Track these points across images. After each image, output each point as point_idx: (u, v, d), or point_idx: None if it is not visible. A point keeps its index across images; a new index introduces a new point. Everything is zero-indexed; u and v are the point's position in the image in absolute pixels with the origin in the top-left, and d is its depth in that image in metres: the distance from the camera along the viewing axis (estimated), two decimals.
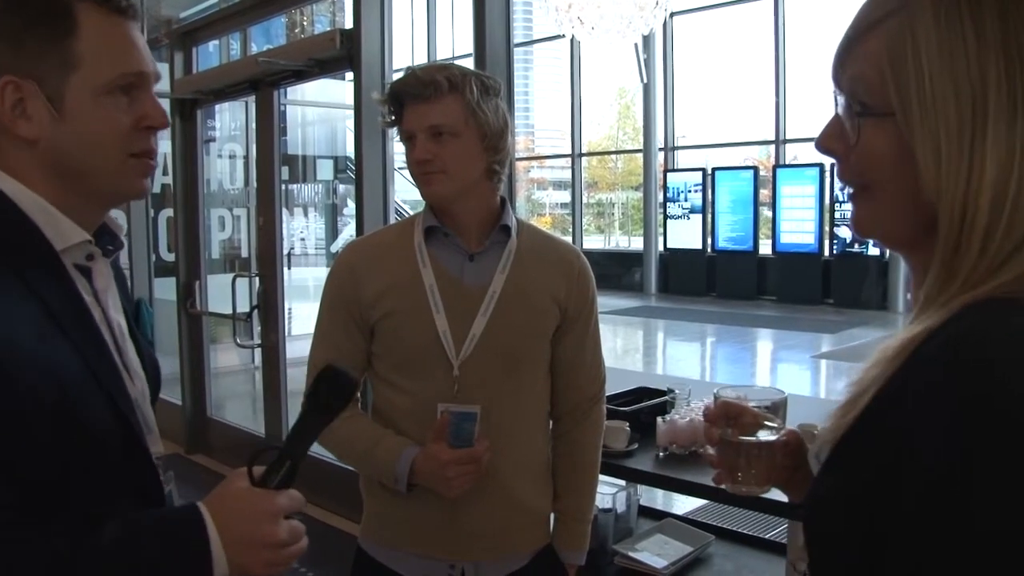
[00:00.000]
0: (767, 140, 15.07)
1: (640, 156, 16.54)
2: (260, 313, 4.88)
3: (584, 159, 18.18)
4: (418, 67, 1.61)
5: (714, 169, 14.82)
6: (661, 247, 15.63)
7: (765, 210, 14.56)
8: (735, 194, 14.35)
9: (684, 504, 4.01)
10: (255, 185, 5.17)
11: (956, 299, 0.67)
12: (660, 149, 15.95)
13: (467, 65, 1.83)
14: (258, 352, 5.09)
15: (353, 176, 4.68)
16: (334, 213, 8.65)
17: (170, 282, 5.62)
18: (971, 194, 0.67)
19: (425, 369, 1.61)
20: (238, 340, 5.11)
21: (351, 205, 7.73)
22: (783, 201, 13.67)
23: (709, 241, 14.81)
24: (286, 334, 4.90)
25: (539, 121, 23.62)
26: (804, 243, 13.45)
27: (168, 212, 6.05)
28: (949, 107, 0.68)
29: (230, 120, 6.58)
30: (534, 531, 1.73)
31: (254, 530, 0.89)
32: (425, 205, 1.68)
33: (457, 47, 17.36)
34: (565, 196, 19.53)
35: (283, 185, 5.33)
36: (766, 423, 1.00)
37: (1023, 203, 0.67)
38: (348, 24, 4.05)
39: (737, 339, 11.31)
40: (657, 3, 7.57)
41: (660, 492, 3.89)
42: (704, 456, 1.08)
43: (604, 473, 2.03)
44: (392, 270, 1.64)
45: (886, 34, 0.71)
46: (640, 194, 16.77)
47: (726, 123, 16.36)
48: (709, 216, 14.72)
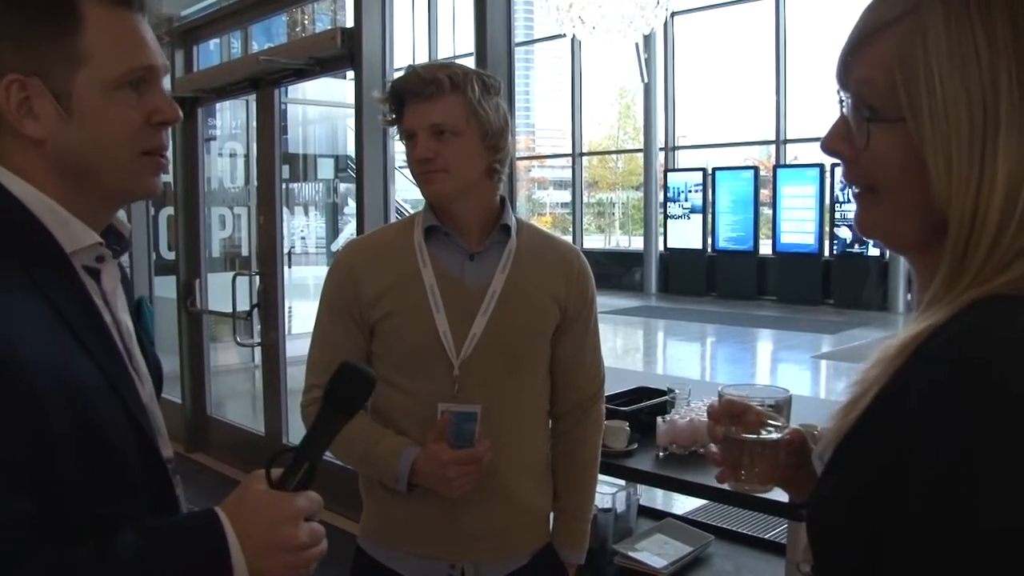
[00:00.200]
0: (768, 140, 15.06)
1: (640, 156, 16.54)
2: (260, 312, 4.88)
3: (585, 159, 18.18)
4: (419, 65, 1.61)
5: (714, 169, 14.82)
6: (661, 247, 15.62)
7: (765, 210, 14.56)
8: (735, 194, 14.34)
9: (684, 504, 4.01)
10: (255, 184, 5.17)
11: (963, 295, 0.67)
12: (661, 149, 15.95)
13: (468, 64, 1.82)
14: (258, 351, 5.09)
15: (354, 175, 4.67)
16: (335, 212, 8.63)
17: (170, 280, 5.62)
18: (982, 200, 0.67)
19: (425, 369, 1.60)
20: (238, 339, 5.10)
21: (351, 204, 7.72)
22: (783, 201, 13.67)
23: (709, 241, 14.81)
24: (286, 333, 4.91)
25: (540, 120, 23.63)
26: (804, 243, 13.44)
27: (168, 210, 6.04)
28: (960, 114, 0.67)
29: (231, 118, 6.57)
30: (534, 531, 1.73)
31: (274, 533, 0.87)
32: (425, 204, 1.68)
33: (458, 46, 17.34)
34: (565, 195, 19.53)
35: (283, 184, 5.33)
36: (770, 422, 1.00)
37: None
38: (349, 23, 4.05)
39: (737, 339, 11.30)
40: (658, 3, 7.56)
41: (660, 492, 3.89)
42: (707, 454, 1.08)
43: (604, 473, 2.03)
44: (392, 270, 1.63)
45: (896, 38, 0.71)
46: (640, 194, 16.76)
47: (727, 123, 16.37)
48: (709, 216, 14.71)
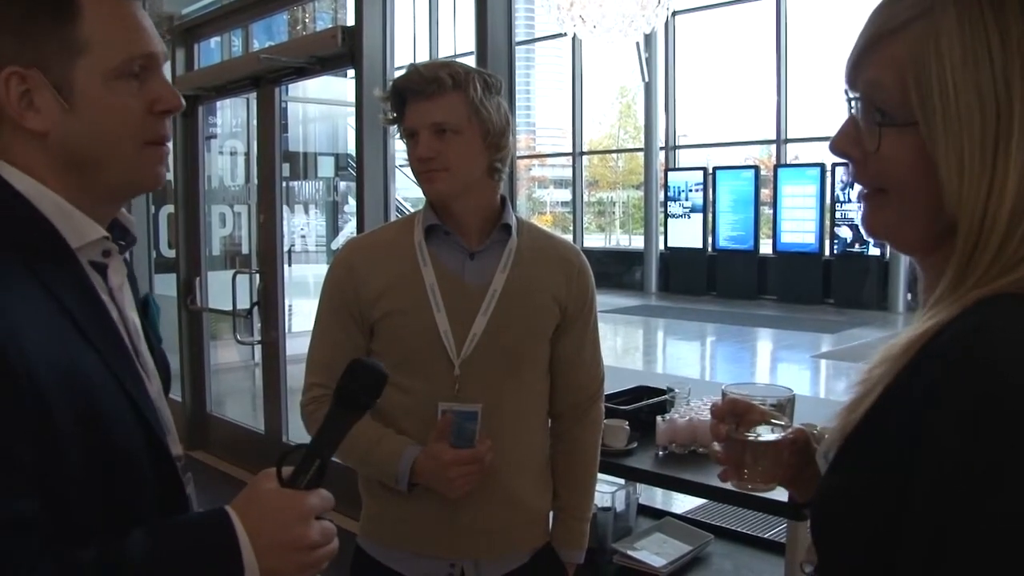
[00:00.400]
0: (768, 139, 15.05)
1: (641, 155, 16.54)
2: (260, 310, 4.89)
3: (585, 157, 18.17)
4: (421, 64, 1.61)
5: (715, 168, 14.82)
6: (662, 246, 15.62)
7: (766, 209, 14.55)
8: (736, 193, 14.34)
9: (683, 503, 4.00)
10: (256, 182, 5.17)
11: (968, 294, 0.67)
12: (661, 148, 15.94)
13: (469, 63, 1.82)
14: (258, 349, 5.09)
15: (354, 173, 4.68)
16: (335, 210, 8.63)
17: (170, 278, 5.61)
18: (992, 204, 0.67)
19: (426, 368, 1.60)
20: (238, 336, 5.11)
21: (352, 202, 7.71)
22: (784, 200, 13.67)
23: (710, 240, 14.80)
24: (286, 331, 4.90)
25: (540, 119, 23.61)
26: (805, 243, 13.44)
27: (169, 208, 6.04)
28: (973, 119, 0.67)
29: (231, 117, 6.57)
30: (533, 530, 1.73)
31: (285, 532, 0.86)
32: (425, 203, 1.68)
33: (459, 45, 17.33)
34: (566, 194, 19.53)
35: (284, 182, 5.33)
36: (773, 421, 1.00)
37: None
38: (350, 21, 4.05)
39: (737, 338, 11.30)
40: (659, 2, 7.56)
41: (659, 491, 3.90)
42: (710, 453, 1.08)
43: (603, 472, 2.03)
44: (392, 269, 1.63)
45: (908, 40, 0.70)
46: (641, 193, 16.76)
47: (727, 122, 16.35)
48: (710, 215, 14.71)
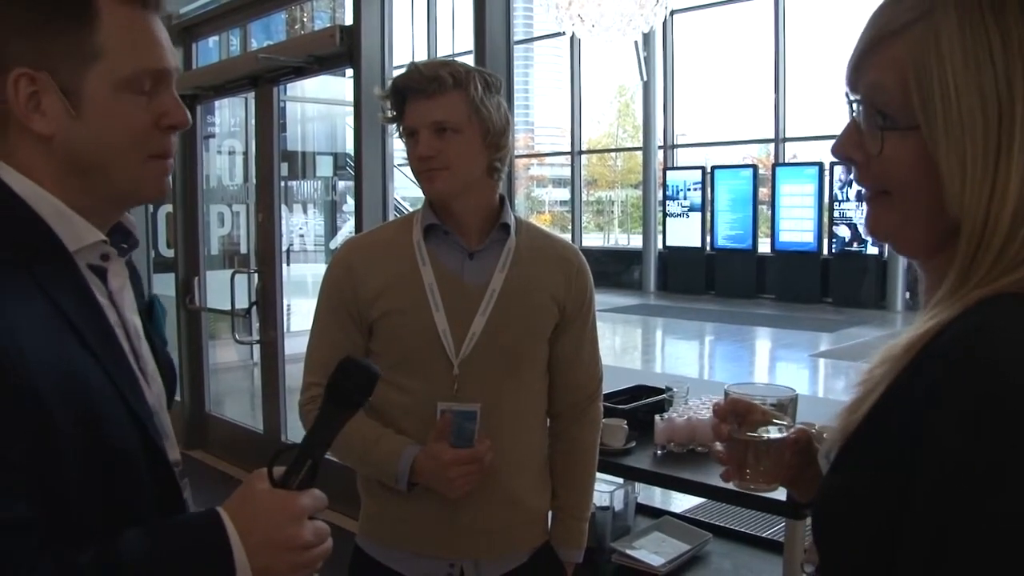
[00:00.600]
0: (767, 138, 15.06)
1: (640, 154, 16.53)
2: (259, 309, 4.88)
3: (584, 156, 18.17)
4: (421, 63, 1.60)
5: (713, 167, 14.81)
6: (660, 245, 15.62)
7: (764, 208, 14.56)
8: (734, 192, 14.34)
9: (682, 502, 4.00)
10: (254, 181, 5.17)
11: (970, 295, 0.67)
12: (660, 147, 15.94)
13: (467, 62, 1.82)
14: (257, 348, 5.09)
15: (352, 173, 4.67)
16: (333, 210, 8.64)
17: (169, 278, 5.60)
18: (994, 206, 0.67)
19: (425, 367, 1.60)
20: (237, 336, 5.10)
21: (350, 202, 7.71)
22: (782, 200, 13.67)
23: (708, 239, 14.80)
24: (285, 330, 4.90)
25: (539, 118, 23.63)
26: (803, 242, 13.45)
27: (167, 208, 6.02)
28: (975, 121, 0.67)
29: (230, 116, 6.57)
30: (532, 529, 1.72)
31: (277, 533, 0.86)
32: (424, 202, 1.68)
33: (457, 44, 17.32)
34: (565, 193, 19.53)
35: (282, 181, 5.33)
36: (775, 421, 1.00)
37: None
38: (348, 20, 4.05)
39: (736, 337, 11.31)
40: (657, 1, 7.56)
41: (658, 490, 3.90)
42: (712, 453, 1.08)
43: (602, 471, 2.03)
44: (391, 268, 1.63)
45: (908, 42, 0.70)
46: (639, 192, 16.76)
47: (726, 121, 16.36)
48: (708, 214, 14.71)
